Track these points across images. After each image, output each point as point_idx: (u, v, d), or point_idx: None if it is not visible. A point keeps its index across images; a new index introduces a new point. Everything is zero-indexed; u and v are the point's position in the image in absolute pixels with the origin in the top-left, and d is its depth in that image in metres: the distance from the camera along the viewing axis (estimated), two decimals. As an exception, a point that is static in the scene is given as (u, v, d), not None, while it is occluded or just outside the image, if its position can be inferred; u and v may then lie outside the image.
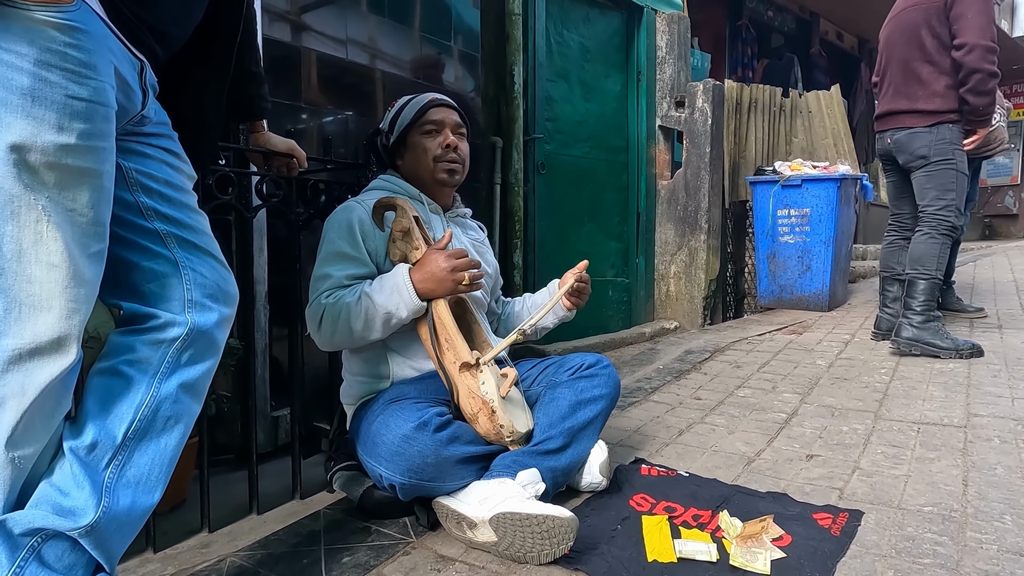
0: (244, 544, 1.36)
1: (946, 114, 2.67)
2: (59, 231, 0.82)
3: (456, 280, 1.42)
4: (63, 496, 0.86)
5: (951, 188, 2.70)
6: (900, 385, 2.35)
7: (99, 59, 0.85)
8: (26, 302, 0.81)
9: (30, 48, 0.78)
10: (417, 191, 1.64)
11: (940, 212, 2.72)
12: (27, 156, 0.79)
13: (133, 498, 0.92)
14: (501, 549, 1.21)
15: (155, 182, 1.00)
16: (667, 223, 3.96)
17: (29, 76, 0.78)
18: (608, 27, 3.71)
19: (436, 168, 1.62)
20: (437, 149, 1.61)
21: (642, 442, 1.88)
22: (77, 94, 0.82)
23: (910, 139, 2.77)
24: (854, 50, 9.13)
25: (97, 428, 0.91)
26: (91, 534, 0.87)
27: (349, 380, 1.59)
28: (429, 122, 1.63)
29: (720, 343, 3.19)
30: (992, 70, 2.54)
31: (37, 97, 0.79)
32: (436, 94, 1.68)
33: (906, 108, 2.77)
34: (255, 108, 1.45)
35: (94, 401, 0.93)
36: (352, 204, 1.56)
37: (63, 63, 0.80)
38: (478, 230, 1.81)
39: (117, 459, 0.91)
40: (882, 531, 1.30)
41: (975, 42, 2.53)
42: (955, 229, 2.73)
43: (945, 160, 2.69)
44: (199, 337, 0.99)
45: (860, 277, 5.34)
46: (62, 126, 0.80)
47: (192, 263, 1.01)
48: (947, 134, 2.68)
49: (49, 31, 0.79)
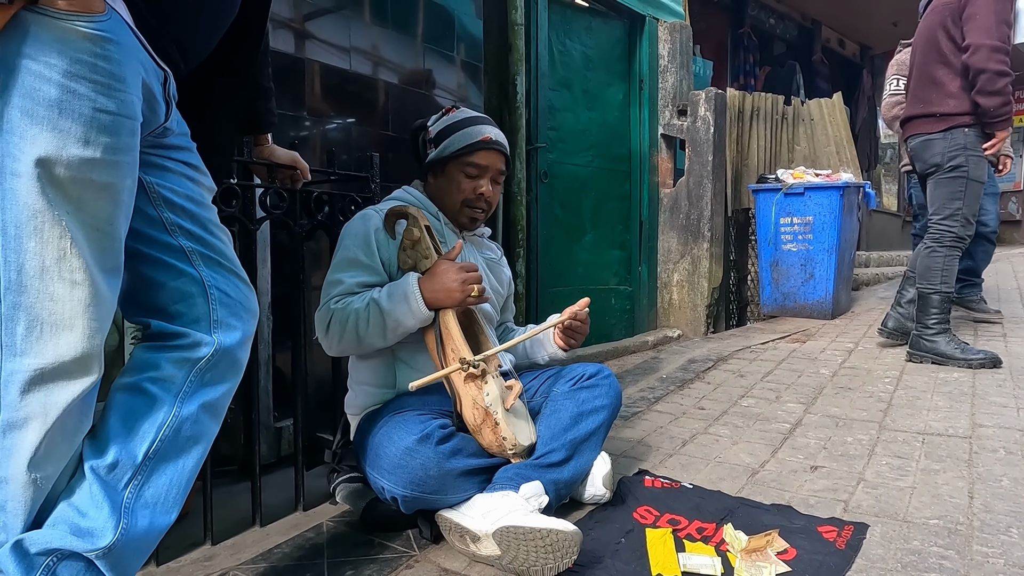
0: (247, 557, 1.35)
1: (960, 116, 2.62)
2: (80, 248, 0.80)
3: (465, 292, 1.42)
4: (81, 516, 0.85)
5: (958, 197, 2.67)
6: (904, 395, 2.34)
7: (128, 71, 0.83)
8: (48, 320, 0.80)
9: (60, 58, 0.76)
10: (436, 209, 1.64)
11: (944, 223, 2.71)
12: (53, 170, 0.77)
13: (151, 519, 0.90)
14: (505, 563, 1.21)
15: (178, 196, 0.98)
16: (670, 231, 3.96)
17: (57, 87, 0.76)
18: (610, 36, 3.72)
19: (462, 210, 1.62)
20: (471, 194, 1.60)
21: (645, 453, 1.87)
22: (105, 107, 0.80)
23: (924, 147, 2.76)
24: (856, 57, 9.14)
25: (119, 447, 0.89)
26: (108, 556, 0.85)
27: (355, 390, 1.58)
28: (473, 164, 1.58)
29: (723, 352, 3.18)
30: (999, 69, 2.48)
31: (64, 109, 0.77)
32: (492, 130, 1.61)
33: (922, 112, 2.75)
34: (263, 122, 1.46)
35: (116, 419, 0.91)
36: (371, 212, 1.56)
37: (92, 75, 0.78)
38: (494, 249, 1.81)
39: (136, 479, 0.90)
40: (887, 544, 1.30)
41: (980, 42, 2.50)
42: (961, 240, 2.70)
43: (956, 168, 2.65)
44: (223, 357, 0.98)
45: (863, 285, 5.33)
46: (88, 140, 0.78)
47: (217, 282, 0.99)
48: (961, 139, 2.64)
49: (80, 41, 0.77)
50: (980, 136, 2.63)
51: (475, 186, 1.60)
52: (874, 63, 9.45)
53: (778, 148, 4.42)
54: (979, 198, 2.71)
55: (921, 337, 2.76)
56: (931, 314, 2.73)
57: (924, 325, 2.76)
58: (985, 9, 2.51)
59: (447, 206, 1.63)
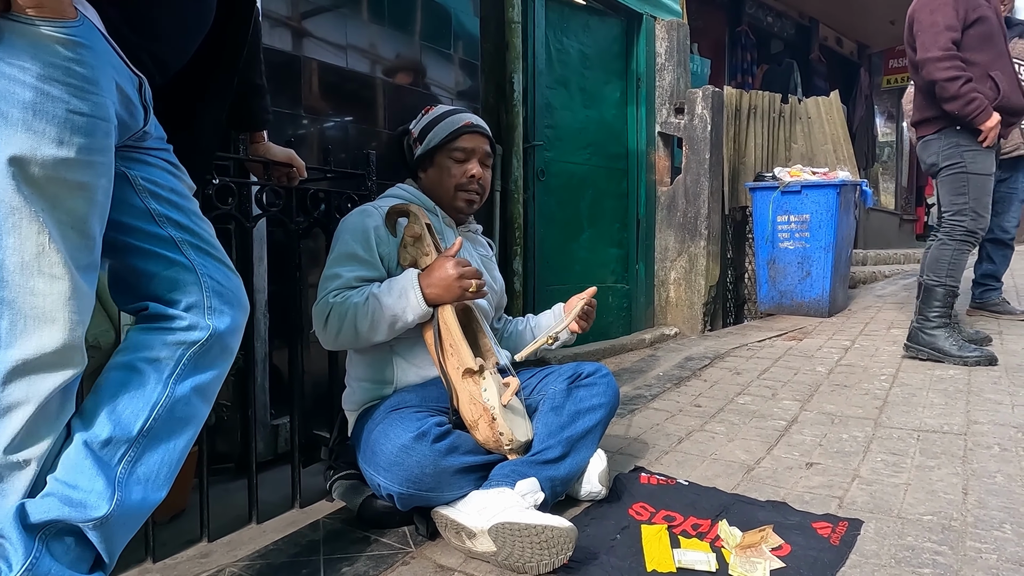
0: (243, 554, 1.36)
1: (948, 118, 2.69)
2: (59, 243, 0.82)
3: (463, 287, 1.43)
4: (73, 489, 0.87)
5: (962, 192, 2.71)
6: (900, 392, 2.34)
7: (101, 75, 0.85)
8: (31, 315, 0.82)
9: (33, 62, 0.79)
10: (433, 204, 1.65)
11: (953, 218, 2.74)
12: (27, 169, 0.79)
13: (143, 494, 0.93)
14: (500, 559, 1.21)
15: (162, 189, 1.01)
16: (667, 229, 3.96)
17: (31, 90, 0.79)
18: (608, 34, 3.72)
19: (456, 196, 1.64)
20: (462, 177, 1.63)
21: (642, 450, 1.88)
22: (78, 109, 0.82)
23: (924, 148, 2.85)
24: (853, 56, 9.15)
25: (113, 423, 0.91)
26: (102, 527, 0.88)
27: (353, 386, 1.59)
28: (459, 149, 1.63)
29: (720, 349, 3.19)
30: (947, 76, 2.57)
31: (39, 111, 0.79)
32: (472, 117, 1.67)
33: (919, 118, 2.86)
34: (257, 120, 1.46)
35: (110, 396, 0.93)
36: (369, 208, 1.57)
37: (66, 78, 0.81)
38: (487, 247, 1.82)
39: (130, 455, 0.92)
40: (881, 540, 1.30)
41: (923, 57, 2.63)
42: (971, 233, 2.71)
43: (953, 164, 2.71)
44: (216, 342, 1.01)
45: (860, 283, 5.34)
46: (62, 140, 0.81)
47: (208, 270, 1.02)
48: (954, 136, 2.70)
49: (53, 46, 0.80)
50: (973, 132, 2.67)
51: (464, 169, 1.63)
52: (872, 61, 9.48)
53: (775, 146, 4.43)
54: (986, 190, 2.72)
55: (921, 330, 2.78)
56: (934, 307, 2.75)
57: (925, 318, 2.78)
58: (924, 23, 2.65)
59: (442, 195, 1.65)
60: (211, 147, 1.25)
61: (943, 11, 2.62)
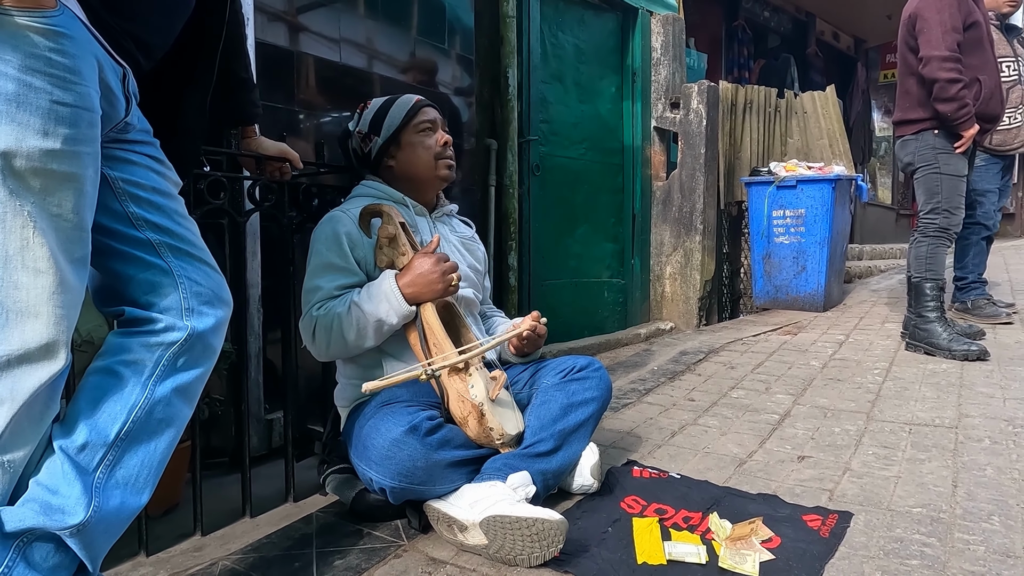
0: (237, 547, 1.36)
1: (927, 121, 2.79)
2: (44, 237, 0.82)
3: (445, 283, 1.44)
4: (52, 495, 0.86)
5: (936, 192, 2.82)
6: (893, 386, 2.36)
7: (84, 64, 0.84)
8: (13, 308, 0.81)
9: (14, 54, 0.78)
10: (401, 195, 1.65)
11: (927, 216, 2.86)
12: (12, 162, 0.78)
13: (122, 499, 0.92)
14: (492, 552, 1.22)
15: (143, 190, 1.00)
16: (662, 224, 3.97)
17: (14, 82, 0.78)
18: (603, 29, 3.72)
19: (438, 165, 1.66)
20: (437, 146, 1.66)
21: (635, 444, 1.89)
22: (62, 99, 0.81)
23: (900, 148, 2.98)
24: (850, 50, 9.14)
25: (89, 428, 0.90)
26: (80, 534, 0.87)
27: (343, 383, 1.59)
28: (425, 121, 1.66)
29: (715, 344, 3.20)
30: (949, 77, 2.62)
31: (22, 103, 0.78)
32: (417, 95, 1.71)
33: (899, 119, 2.94)
34: (245, 114, 1.46)
35: (87, 400, 0.92)
36: (337, 214, 1.56)
37: (48, 68, 0.80)
38: (465, 226, 1.82)
39: (108, 459, 0.91)
40: (871, 532, 1.31)
41: (929, 54, 2.66)
42: (944, 230, 2.82)
43: (928, 165, 2.83)
44: (196, 342, 1.00)
45: (856, 277, 5.35)
46: (47, 131, 0.80)
47: (187, 271, 1.01)
48: (930, 139, 2.81)
49: (33, 36, 0.79)
50: (950, 136, 2.77)
51: (436, 138, 1.67)
52: (868, 56, 9.47)
53: (771, 141, 4.43)
54: (959, 191, 2.82)
55: (919, 327, 2.84)
56: (925, 302, 2.83)
57: (919, 314, 2.85)
58: (931, 21, 2.67)
59: (422, 171, 1.65)
60: (197, 131, 1.23)
61: (950, 11, 2.66)
